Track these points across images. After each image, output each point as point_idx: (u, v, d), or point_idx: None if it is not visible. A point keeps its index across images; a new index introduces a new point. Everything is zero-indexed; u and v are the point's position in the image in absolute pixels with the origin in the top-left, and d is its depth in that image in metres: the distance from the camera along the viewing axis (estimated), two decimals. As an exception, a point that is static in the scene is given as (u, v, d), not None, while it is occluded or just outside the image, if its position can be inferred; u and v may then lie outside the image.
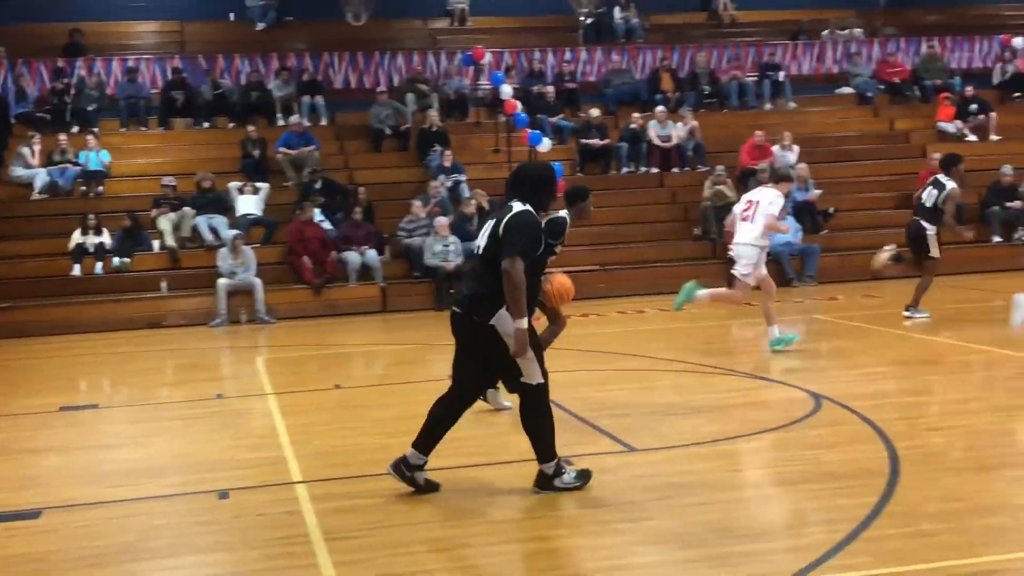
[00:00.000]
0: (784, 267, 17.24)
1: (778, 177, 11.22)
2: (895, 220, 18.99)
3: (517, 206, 6.12)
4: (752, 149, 19.19)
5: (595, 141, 19.69)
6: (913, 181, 19.25)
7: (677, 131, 19.95)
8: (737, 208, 11.13)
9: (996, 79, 22.86)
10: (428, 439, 6.36)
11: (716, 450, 7.24)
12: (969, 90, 21.54)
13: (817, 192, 18.57)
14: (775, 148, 19.34)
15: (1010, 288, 14.90)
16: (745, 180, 18.72)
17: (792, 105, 21.95)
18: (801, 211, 18.10)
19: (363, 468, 7.10)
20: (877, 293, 15.80)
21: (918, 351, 11.17)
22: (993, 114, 21.16)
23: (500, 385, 8.35)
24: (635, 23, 23.55)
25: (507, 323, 6.01)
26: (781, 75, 22.16)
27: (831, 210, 18.60)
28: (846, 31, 23.91)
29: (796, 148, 19.51)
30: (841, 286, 16.74)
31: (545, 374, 6.27)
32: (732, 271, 11.10)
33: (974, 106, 21.25)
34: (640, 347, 11.78)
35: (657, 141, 19.78)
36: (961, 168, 12.96)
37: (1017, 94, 22.43)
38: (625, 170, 19.63)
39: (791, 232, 17.31)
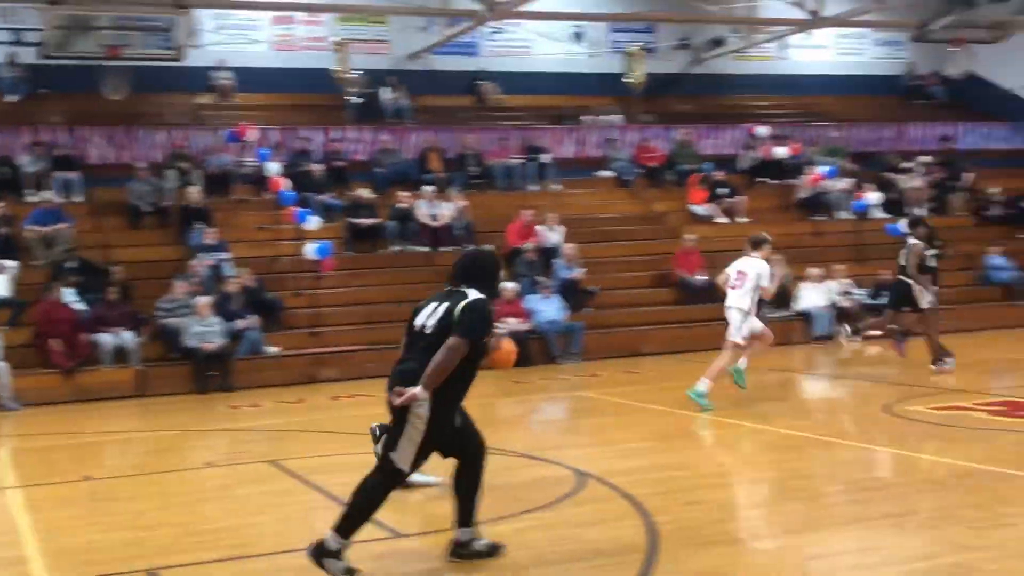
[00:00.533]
0: (550, 345, 17.60)
1: (756, 243, 11.95)
2: (653, 298, 19.83)
3: (473, 293, 6.27)
4: (520, 229, 19.60)
5: (364, 220, 19.65)
6: (668, 260, 20.14)
7: (446, 210, 20.15)
8: (731, 272, 12.01)
9: (743, 165, 24.25)
10: (464, 512, 6.42)
11: (484, 531, 7.20)
12: (719, 175, 22.75)
13: (581, 271, 19.10)
14: (541, 228, 19.82)
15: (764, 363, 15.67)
16: (512, 259, 19.10)
17: (557, 187, 22.58)
18: (566, 289, 18.55)
19: (116, 565, 6.70)
20: (637, 369, 16.31)
21: (675, 426, 11.54)
22: (743, 197, 22.40)
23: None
24: (404, 104, 23.82)
25: (423, 405, 6.05)
26: (545, 157, 22.81)
27: (595, 288, 19.14)
28: (606, 117, 24.89)
29: (561, 228, 20.05)
30: (603, 363, 17.19)
31: (414, 467, 6.27)
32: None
33: (724, 189, 22.45)
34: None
35: (426, 220, 19.90)
36: (922, 229, 14.74)
37: (762, 178, 23.82)
38: (395, 248, 19.65)
39: (555, 310, 17.75)
